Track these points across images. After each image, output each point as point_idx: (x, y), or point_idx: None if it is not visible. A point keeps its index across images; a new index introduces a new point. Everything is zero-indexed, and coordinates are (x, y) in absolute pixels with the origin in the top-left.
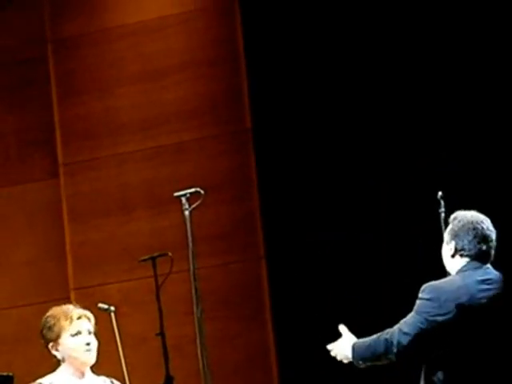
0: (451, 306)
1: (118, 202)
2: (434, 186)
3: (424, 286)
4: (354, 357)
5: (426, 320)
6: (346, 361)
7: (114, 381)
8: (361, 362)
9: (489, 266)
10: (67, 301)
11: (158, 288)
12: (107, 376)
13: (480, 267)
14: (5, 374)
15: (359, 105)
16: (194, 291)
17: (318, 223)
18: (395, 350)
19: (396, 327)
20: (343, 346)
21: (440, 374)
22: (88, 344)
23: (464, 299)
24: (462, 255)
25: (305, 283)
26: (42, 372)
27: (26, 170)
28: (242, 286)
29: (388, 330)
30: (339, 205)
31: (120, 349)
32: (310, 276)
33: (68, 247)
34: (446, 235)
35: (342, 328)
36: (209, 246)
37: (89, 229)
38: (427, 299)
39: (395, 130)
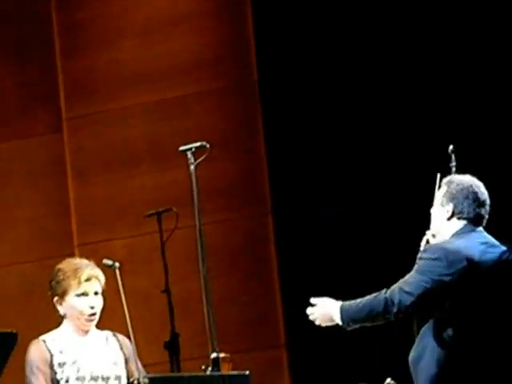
0: (459, 266)
1: (122, 157)
2: (436, 165)
3: (427, 246)
4: (342, 318)
5: (432, 280)
6: (327, 324)
7: (118, 334)
8: (351, 324)
9: (482, 229)
10: (72, 257)
11: (162, 244)
12: (112, 331)
13: (476, 231)
14: (8, 331)
15: (365, 76)
16: (199, 248)
17: (325, 177)
18: (395, 310)
19: (395, 286)
20: (326, 310)
21: (450, 331)
22: (92, 307)
23: (471, 260)
24: (459, 218)
25: (312, 239)
26: (45, 329)
27: (28, 125)
28: (249, 242)
29: (385, 290)
30: (347, 157)
31: (125, 306)
32: (317, 231)
33: (72, 203)
34: (442, 198)
35: (314, 300)
36: (215, 202)
37: (93, 184)
38: (433, 259)
39: (400, 105)
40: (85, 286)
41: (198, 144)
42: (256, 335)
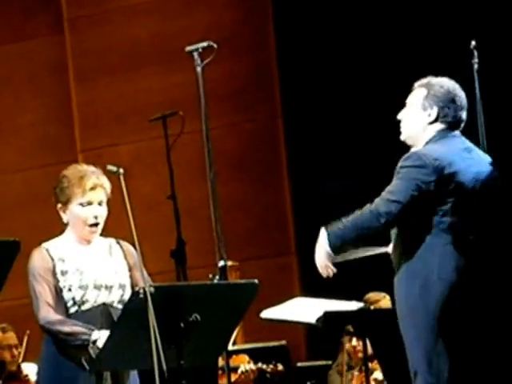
0: (443, 173)
1: (126, 59)
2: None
3: (408, 154)
4: (330, 241)
5: (418, 187)
6: (326, 262)
7: (121, 242)
8: (339, 245)
9: (460, 133)
10: (76, 164)
11: (168, 149)
12: (115, 238)
13: (456, 135)
14: (11, 239)
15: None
16: (206, 153)
17: (337, 79)
18: (383, 220)
19: (379, 199)
20: (317, 249)
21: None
22: (95, 217)
23: (454, 167)
24: (442, 122)
25: (323, 142)
26: (48, 236)
27: (29, 26)
28: (257, 146)
29: (368, 205)
30: (360, 57)
31: (130, 213)
32: (328, 134)
33: (74, 107)
34: (423, 101)
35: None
36: (222, 105)
37: (96, 87)
38: (416, 166)
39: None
40: (89, 195)
41: (205, 44)
42: (265, 242)
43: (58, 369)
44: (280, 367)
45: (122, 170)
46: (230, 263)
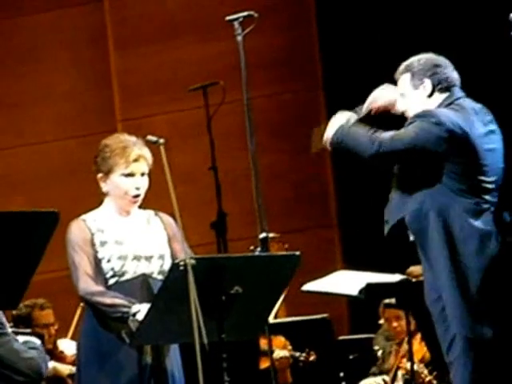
0: (455, 136)
1: (167, 27)
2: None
3: (423, 111)
4: (336, 131)
5: (427, 140)
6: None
7: (160, 213)
8: (336, 141)
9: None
10: (114, 133)
11: (209, 119)
12: (154, 210)
13: (461, 96)
14: (50, 210)
15: None
16: (247, 123)
17: (376, 54)
18: (374, 149)
19: (389, 133)
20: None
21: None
22: (138, 188)
23: (466, 133)
24: (441, 89)
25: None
26: (87, 206)
27: None
28: (299, 117)
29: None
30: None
31: (170, 184)
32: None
33: (114, 76)
34: (410, 82)
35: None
36: (263, 75)
37: (135, 56)
38: (433, 123)
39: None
40: (132, 167)
41: (245, 13)
42: (307, 215)
43: (98, 342)
44: (312, 357)
45: (162, 140)
46: (271, 235)
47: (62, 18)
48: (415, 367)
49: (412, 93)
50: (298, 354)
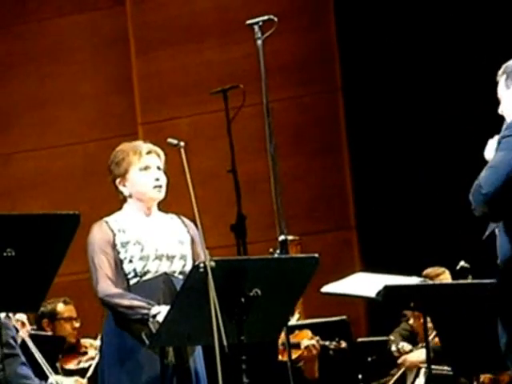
0: None
1: (188, 31)
2: None
3: (509, 123)
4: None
5: None
6: None
7: (183, 218)
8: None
9: None
10: (135, 136)
11: (229, 122)
12: (176, 214)
13: None
14: (71, 212)
15: None
16: (266, 126)
17: (397, 54)
18: (483, 191)
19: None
20: None
21: None
22: (157, 179)
23: None
24: None
25: (382, 115)
26: (108, 209)
27: None
28: (318, 120)
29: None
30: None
31: (190, 186)
32: (388, 108)
33: (135, 80)
34: (505, 82)
35: None
36: (282, 78)
37: (157, 60)
38: None
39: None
40: (146, 160)
41: (265, 17)
42: (325, 217)
43: (119, 343)
44: (343, 344)
45: (182, 143)
46: (290, 237)
47: (85, 21)
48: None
49: (505, 93)
50: (327, 342)
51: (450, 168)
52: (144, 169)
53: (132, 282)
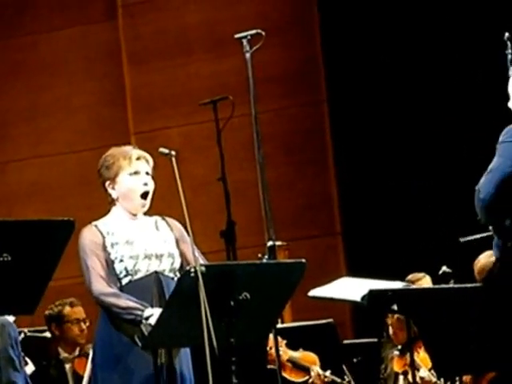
0: None
1: (178, 44)
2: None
3: (507, 129)
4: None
5: None
6: None
7: (166, 218)
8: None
9: None
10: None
11: (218, 132)
12: (160, 215)
13: None
14: (65, 219)
15: None
16: (255, 136)
17: (382, 68)
18: (481, 196)
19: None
20: None
21: None
22: (146, 184)
23: None
24: None
25: (367, 126)
26: (100, 216)
27: (83, 12)
28: (304, 130)
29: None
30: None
31: (181, 194)
32: (373, 119)
33: (127, 91)
34: None
35: None
36: (270, 90)
37: (148, 71)
38: None
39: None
40: (136, 165)
41: (253, 31)
42: (312, 223)
43: (112, 344)
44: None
45: (173, 153)
46: (278, 243)
47: (79, 34)
48: (425, 374)
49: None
50: (339, 380)
51: (432, 177)
52: (134, 173)
53: (124, 281)
